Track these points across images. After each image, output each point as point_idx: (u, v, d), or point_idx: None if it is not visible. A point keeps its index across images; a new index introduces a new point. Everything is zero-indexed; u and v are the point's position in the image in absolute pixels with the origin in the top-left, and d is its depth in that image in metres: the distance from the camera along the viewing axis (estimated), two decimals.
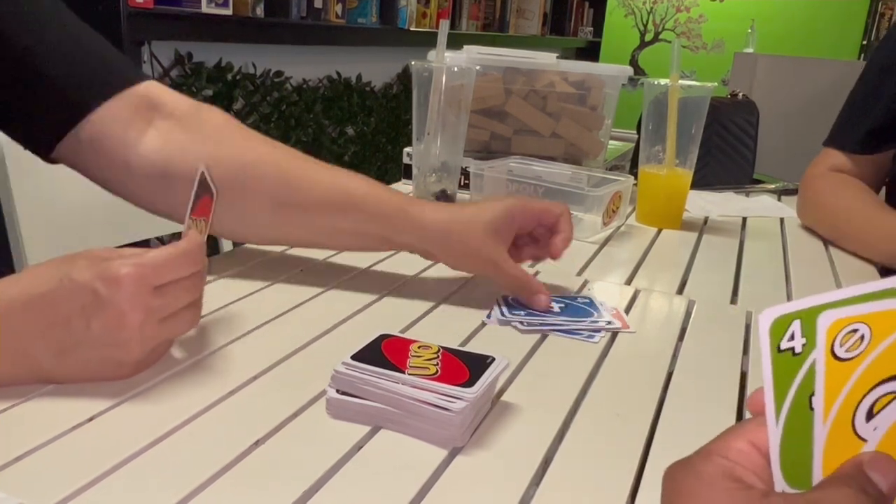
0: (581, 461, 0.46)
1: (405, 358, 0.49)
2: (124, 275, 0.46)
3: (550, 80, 1.19)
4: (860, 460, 0.27)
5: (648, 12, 4.34)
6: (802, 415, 0.28)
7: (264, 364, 0.54)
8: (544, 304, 0.67)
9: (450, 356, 0.50)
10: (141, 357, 0.49)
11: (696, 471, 0.29)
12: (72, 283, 0.46)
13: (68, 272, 0.46)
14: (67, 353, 0.47)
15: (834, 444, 0.28)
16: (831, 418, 0.27)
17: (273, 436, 0.45)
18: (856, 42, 3.82)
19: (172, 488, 0.39)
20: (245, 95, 2.19)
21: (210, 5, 1.92)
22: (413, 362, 0.48)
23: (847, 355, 0.27)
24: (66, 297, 0.46)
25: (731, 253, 0.95)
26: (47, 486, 0.39)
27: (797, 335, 0.28)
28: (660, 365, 0.60)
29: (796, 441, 0.28)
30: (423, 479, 0.42)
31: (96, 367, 0.48)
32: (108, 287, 0.46)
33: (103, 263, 0.47)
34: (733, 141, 1.32)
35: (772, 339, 0.28)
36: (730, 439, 0.30)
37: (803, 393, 0.28)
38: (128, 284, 0.46)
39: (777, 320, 0.28)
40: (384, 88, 2.93)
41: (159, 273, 0.48)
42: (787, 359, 0.28)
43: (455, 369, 0.48)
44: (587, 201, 0.94)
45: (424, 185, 1.04)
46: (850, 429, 0.27)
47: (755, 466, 0.29)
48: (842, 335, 0.27)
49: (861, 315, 0.27)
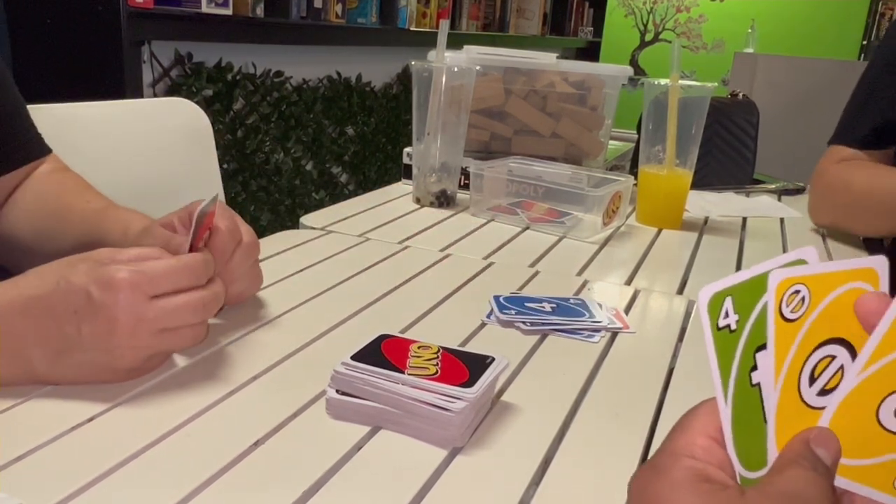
0: (581, 461, 0.46)
1: (405, 358, 0.49)
2: (119, 280, 0.45)
3: (550, 80, 1.19)
4: (806, 437, 0.27)
5: (648, 12, 4.34)
6: (747, 392, 0.28)
7: (264, 364, 0.54)
8: None
9: (450, 356, 0.50)
10: (134, 365, 0.48)
11: (668, 477, 0.28)
12: (67, 286, 0.46)
13: (66, 275, 0.46)
14: (62, 356, 0.46)
15: (784, 414, 0.27)
16: (780, 382, 0.27)
17: (273, 436, 0.45)
18: (856, 42, 3.82)
19: (172, 488, 0.39)
20: (245, 95, 2.19)
21: (210, 5, 1.92)
22: (413, 362, 0.48)
23: (792, 316, 0.27)
24: (60, 299, 0.46)
25: (731, 253, 0.95)
26: (48, 487, 0.39)
27: (730, 312, 0.28)
28: (660, 365, 0.60)
29: (746, 420, 0.28)
30: (423, 480, 0.42)
31: (90, 371, 0.48)
32: (102, 291, 0.45)
33: (101, 268, 0.46)
34: (733, 141, 1.32)
35: (710, 317, 0.28)
36: (692, 435, 0.29)
37: (744, 369, 0.28)
38: (122, 290, 0.45)
39: (713, 298, 0.28)
40: (384, 88, 2.93)
41: (157, 282, 0.47)
42: (725, 336, 0.28)
43: (455, 369, 0.48)
44: (587, 201, 0.94)
45: (424, 185, 1.04)
46: (797, 395, 0.27)
47: (721, 462, 0.29)
48: (787, 295, 0.27)
49: (802, 276, 0.27)
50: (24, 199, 0.73)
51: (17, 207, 0.73)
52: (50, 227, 0.71)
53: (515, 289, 0.74)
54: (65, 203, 0.72)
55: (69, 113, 0.93)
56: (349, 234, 0.89)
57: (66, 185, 0.74)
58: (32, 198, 0.74)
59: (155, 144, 1.06)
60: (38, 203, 0.73)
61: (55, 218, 0.71)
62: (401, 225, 0.95)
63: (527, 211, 0.98)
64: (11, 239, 0.73)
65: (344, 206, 1.02)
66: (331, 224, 0.92)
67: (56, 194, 0.73)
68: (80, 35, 1.71)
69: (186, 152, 1.08)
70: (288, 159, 2.41)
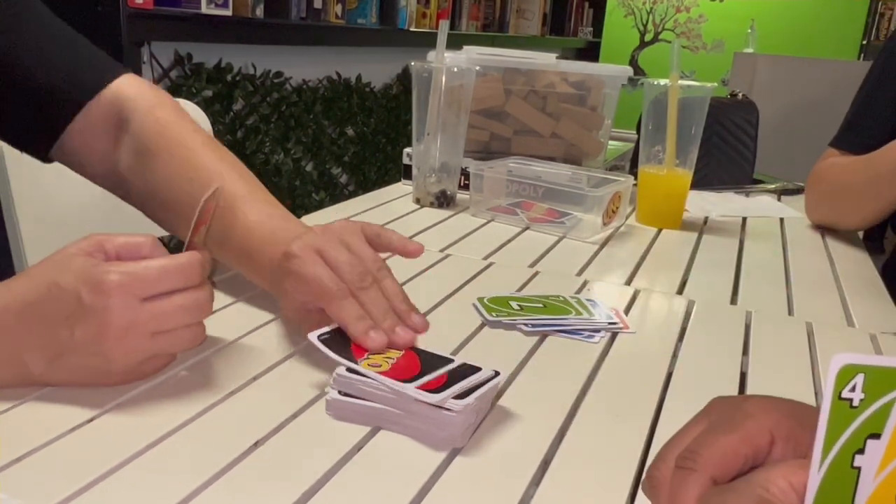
0: (581, 461, 0.45)
1: (366, 350, 0.50)
2: (109, 282, 0.44)
3: (550, 80, 1.19)
4: None
5: (648, 12, 4.34)
6: (845, 471, 0.28)
7: (264, 364, 0.54)
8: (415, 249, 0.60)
9: (412, 355, 0.50)
10: (127, 368, 0.48)
11: (735, 488, 0.29)
12: (59, 291, 0.45)
13: (56, 279, 0.45)
14: (57, 360, 0.46)
15: None
16: (882, 476, 0.27)
17: (273, 436, 0.45)
18: (856, 42, 3.82)
19: (172, 489, 0.39)
20: (245, 96, 2.19)
21: (210, 6, 1.92)
22: (371, 356, 0.49)
23: None
24: (53, 304, 0.45)
25: (731, 253, 0.95)
26: (48, 487, 0.39)
27: (858, 388, 0.27)
28: (660, 365, 0.60)
29: (833, 496, 0.28)
30: (423, 480, 0.42)
31: (85, 374, 0.47)
32: (93, 294, 0.44)
33: (92, 269, 0.45)
34: (733, 141, 1.32)
35: (836, 384, 0.28)
36: (772, 473, 0.30)
37: (849, 448, 0.28)
38: (113, 292, 0.44)
39: (845, 367, 0.28)
40: (384, 89, 2.93)
41: (148, 284, 0.46)
42: (843, 408, 0.28)
43: (408, 366, 0.48)
44: (587, 201, 0.94)
45: (424, 186, 1.04)
46: (893, 495, 0.27)
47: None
48: None
49: None
50: (140, 149, 0.66)
51: (138, 157, 0.66)
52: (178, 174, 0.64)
53: (515, 289, 0.74)
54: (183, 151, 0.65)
55: None
56: None
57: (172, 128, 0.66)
58: (147, 145, 0.66)
59: None
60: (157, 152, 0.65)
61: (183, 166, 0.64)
62: (401, 225, 0.95)
63: (527, 211, 0.98)
64: (150, 193, 0.66)
65: (344, 206, 1.02)
66: None
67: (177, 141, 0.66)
68: None
69: None
70: (288, 160, 2.41)
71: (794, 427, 0.31)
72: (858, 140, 1.05)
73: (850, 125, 1.09)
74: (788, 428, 0.31)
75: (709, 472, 0.31)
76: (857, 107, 1.09)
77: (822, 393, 0.56)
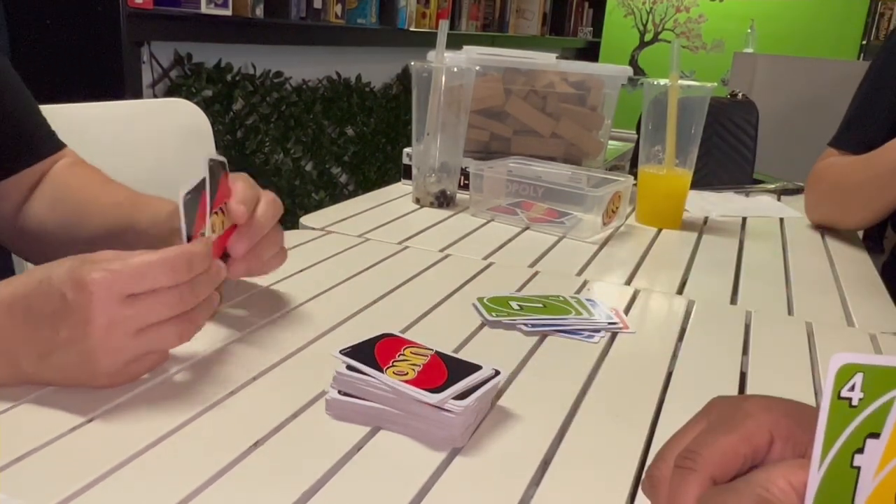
0: (581, 461, 0.45)
1: (391, 358, 0.49)
2: (90, 280, 0.44)
3: (550, 80, 1.19)
4: None
5: (648, 12, 4.34)
6: (844, 470, 0.28)
7: (264, 364, 0.54)
8: None
9: (438, 361, 0.49)
10: (113, 369, 0.47)
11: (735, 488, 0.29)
12: (48, 286, 0.45)
13: (49, 274, 0.45)
14: (44, 357, 0.46)
15: None
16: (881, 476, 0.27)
17: (273, 436, 0.45)
18: (856, 42, 3.82)
19: (172, 489, 0.39)
20: (245, 96, 2.19)
21: (210, 6, 1.92)
22: (396, 363, 0.48)
23: None
24: (41, 299, 0.45)
25: (731, 253, 0.95)
26: (48, 487, 0.39)
27: (857, 387, 0.27)
28: (660, 365, 0.60)
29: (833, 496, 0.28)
30: (423, 480, 0.42)
31: (73, 373, 0.46)
32: (75, 292, 0.44)
33: (78, 267, 0.45)
34: (733, 141, 1.32)
35: (836, 384, 0.28)
36: (772, 473, 0.30)
37: (849, 447, 0.28)
38: (95, 291, 0.44)
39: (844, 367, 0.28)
40: (384, 89, 2.93)
41: (131, 281, 0.45)
42: (843, 407, 0.28)
43: (435, 374, 0.47)
44: (587, 201, 0.94)
45: (424, 186, 1.04)
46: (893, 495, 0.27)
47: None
48: None
49: None
50: (48, 192, 0.74)
51: (41, 200, 0.74)
52: (76, 218, 0.71)
53: (515, 289, 0.74)
54: (90, 194, 0.72)
55: (68, 114, 0.93)
56: (349, 234, 0.89)
57: (88, 177, 0.75)
58: (55, 190, 0.74)
59: (154, 145, 1.06)
60: (62, 194, 0.73)
61: (81, 208, 0.71)
62: (400, 225, 0.95)
63: (526, 211, 0.98)
64: (38, 232, 0.73)
65: (343, 206, 1.02)
66: (330, 224, 0.92)
67: (79, 186, 0.74)
68: (80, 35, 1.71)
69: (186, 153, 1.08)
70: (287, 160, 2.41)
71: (793, 427, 0.31)
72: (857, 139, 1.06)
73: (849, 125, 1.09)
74: (788, 427, 0.31)
75: (708, 471, 0.31)
76: (856, 106, 1.09)
77: (821, 392, 0.56)
